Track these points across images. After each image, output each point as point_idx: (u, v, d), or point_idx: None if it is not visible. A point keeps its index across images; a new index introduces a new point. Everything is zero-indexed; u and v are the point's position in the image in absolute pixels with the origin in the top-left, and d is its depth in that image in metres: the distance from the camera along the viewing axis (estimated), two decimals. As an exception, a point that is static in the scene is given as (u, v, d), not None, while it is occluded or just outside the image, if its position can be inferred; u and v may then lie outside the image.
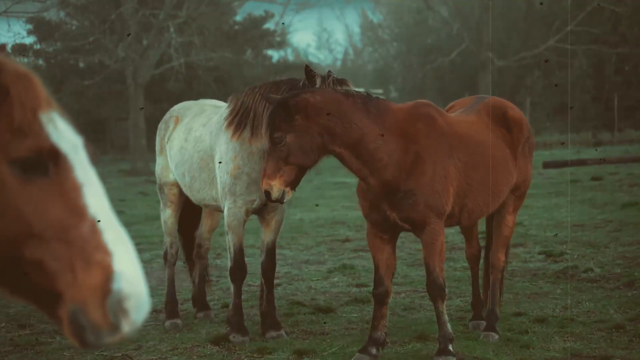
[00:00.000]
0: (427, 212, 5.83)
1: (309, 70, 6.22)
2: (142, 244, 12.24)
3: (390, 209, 5.89)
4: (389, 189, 5.86)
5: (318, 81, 6.16)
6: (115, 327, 1.97)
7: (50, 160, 1.99)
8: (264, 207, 6.81)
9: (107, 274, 1.97)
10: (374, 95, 6.10)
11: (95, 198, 2.02)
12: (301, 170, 5.78)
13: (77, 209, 1.99)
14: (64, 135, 2.03)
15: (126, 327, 1.98)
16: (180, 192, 7.54)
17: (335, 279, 9.22)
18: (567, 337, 6.48)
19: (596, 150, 25.13)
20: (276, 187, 5.68)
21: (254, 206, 6.72)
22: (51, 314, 2.02)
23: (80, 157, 2.04)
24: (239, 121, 6.66)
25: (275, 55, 43.18)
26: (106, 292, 1.96)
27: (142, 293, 1.99)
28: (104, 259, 1.97)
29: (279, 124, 5.66)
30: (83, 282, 1.96)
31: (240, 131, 6.63)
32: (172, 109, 7.82)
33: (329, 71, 6.38)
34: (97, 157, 2.04)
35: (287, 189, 5.71)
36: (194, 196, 7.21)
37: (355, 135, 5.72)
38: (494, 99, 7.06)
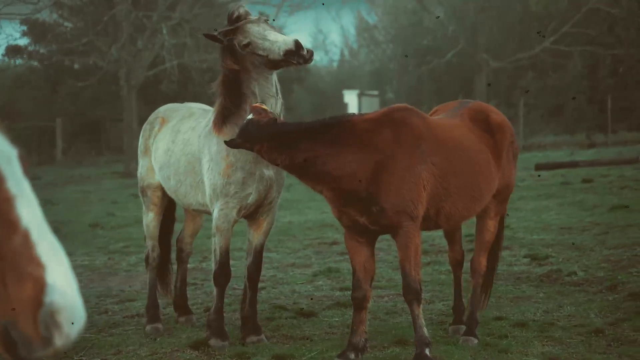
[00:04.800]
0: (397, 216, 5.84)
1: (209, 37, 6.62)
2: (130, 247, 12.24)
3: (359, 215, 5.90)
4: (348, 197, 5.88)
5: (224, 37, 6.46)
6: (47, 341, 1.96)
7: (-19, 172, 1.97)
8: (258, 207, 6.77)
9: (40, 287, 1.95)
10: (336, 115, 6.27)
11: (28, 210, 2.00)
12: None
13: (9, 221, 1.97)
14: (-4, 147, 2.01)
15: (59, 341, 1.96)
16: (164, 195, 7.50)
17: (320, 282, 9.20)
18: (546, 341, 6.46)
19: (572, 153, 25.08)
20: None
21: (248, 201, 6.63)
22: None
23: (13, 169, 2.02)
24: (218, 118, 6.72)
25: (271, 56, 43.14)
26: (38, 305, 1.94)
27: (75, 306, 1.97)
28: (37, 271, 1.95)
29: None
30: (15, 295, 1.94)
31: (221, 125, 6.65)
32: (157, 110, 7.77)
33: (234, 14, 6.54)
34: (29, 168, 2.03)
35: None
36: (180, 200, 7.17)
37: (297, 160, 5.85)
38: (477, 104, 7.05)
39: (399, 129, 5.97)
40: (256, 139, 5.86)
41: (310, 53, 6.28)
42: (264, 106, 6.11)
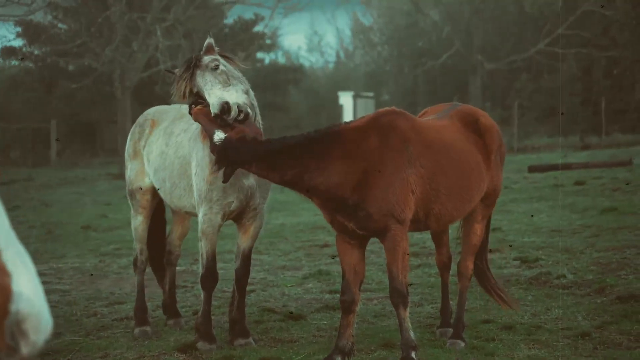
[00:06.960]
0: (384, 220, 5.85)
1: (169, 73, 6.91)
2: (122, 249, 12.23)
3: (347, 220, 5.92)
4: (336, 204, 5.90)
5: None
6: (13, 349, 1.95)
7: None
8: (242, 214, 6.78)
9: (5, 295, 1.95)
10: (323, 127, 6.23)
11: (-6, 218, 2.00)
12: None
13: (-26, 230, 1.97)
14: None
15: (25, 349, 1.96)
16: (153, 198, 7.49)
17: (310, 285, 9.21)
18: (533, 344, 6.47)
19: (565, 155, 25.07)
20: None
21: (231, 209, 6.66)
22: None
23: (-20, 177, 2.02)
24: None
25: (266, 58, 43.32)
26: (4, 313, 1.94)
27: (41, 314, 1.97)
28: (2, 279, 1.95)
29: None
30: (-20, 303, 1.94)
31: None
32: (146, 112, 7.75)
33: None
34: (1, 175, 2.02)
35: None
36: (174, 203, 7.17)
37: (286, 177, 5.86)
38: (467, 107, 7.07)
39: (386, 134, 5.98)
40: (243, 162, 5.86)
41: (243, 115, 6.28)
42: (207, 108, 6.10)
